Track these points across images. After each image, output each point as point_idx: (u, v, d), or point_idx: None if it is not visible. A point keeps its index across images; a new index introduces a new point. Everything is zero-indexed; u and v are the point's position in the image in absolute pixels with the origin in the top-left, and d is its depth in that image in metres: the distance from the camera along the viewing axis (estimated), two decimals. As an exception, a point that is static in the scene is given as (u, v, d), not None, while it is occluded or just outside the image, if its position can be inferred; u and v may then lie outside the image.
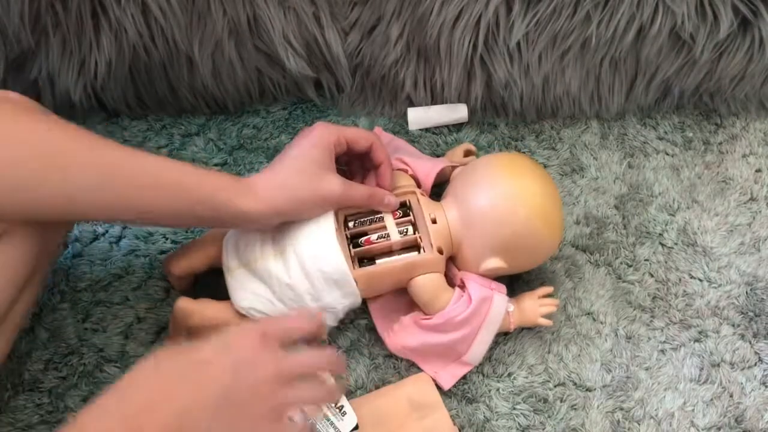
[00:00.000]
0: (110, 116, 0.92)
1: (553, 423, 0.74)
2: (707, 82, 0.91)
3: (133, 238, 0.82)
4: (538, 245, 0.75)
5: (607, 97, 0.91)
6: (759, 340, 0.79)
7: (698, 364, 0.77)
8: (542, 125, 0.93)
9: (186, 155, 0.89)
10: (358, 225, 0.75)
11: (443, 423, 0.72)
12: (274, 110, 0.93)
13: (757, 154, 0.92)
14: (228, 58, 0.86)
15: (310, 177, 0.68)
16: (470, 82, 0.89)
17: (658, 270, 0.83)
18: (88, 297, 0.79)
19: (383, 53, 0.88)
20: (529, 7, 0.82)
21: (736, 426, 0.74)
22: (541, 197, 0.73)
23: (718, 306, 0.81)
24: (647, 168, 0.90)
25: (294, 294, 0.70)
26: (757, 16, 0.83)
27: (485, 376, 0.76)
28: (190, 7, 0.81)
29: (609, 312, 0.80)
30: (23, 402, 0.73)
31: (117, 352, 0.76)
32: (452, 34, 0.84)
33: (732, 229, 0.86)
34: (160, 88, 0.88)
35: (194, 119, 0.92)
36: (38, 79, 0.85)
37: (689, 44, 0.86)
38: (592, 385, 0.76)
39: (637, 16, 0.82)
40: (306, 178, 0.68)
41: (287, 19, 0.84)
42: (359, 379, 0.75)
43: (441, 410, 0.73)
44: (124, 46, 0.83)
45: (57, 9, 0.79)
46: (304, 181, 0.68)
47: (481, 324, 0.73)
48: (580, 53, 0.87)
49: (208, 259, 0.75)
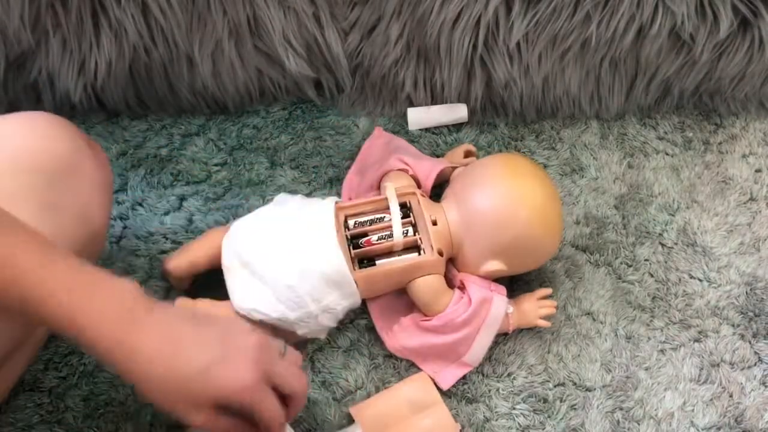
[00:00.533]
0: (110, 116, 0.92)
1: (553, 423, 0.74)
2: (707, 82, 0.91)
3: (133, 238, 0.82)
4: (538, 248, 0.75)
5: (607, 97, 0.91)
6: (759, 340, 0.79)
7: (698, 364, 0.77)
8: (542, 125, 0.93)
9: (186, 155, 0.89)
10: (358, 225, 0.75)
11: (445, 421, 0.72)
12: (274, 110, 0.93)
13: (757, 154, 0.92)
14: (228, 58, 0.86)
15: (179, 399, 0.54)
16: (470, 82, 0.89)
17: (658, 270, 0.83)
18: (88, 297, 0.79)
19: (383, 53, 0.88)
20: (529, 7, 0.82)
21: (736, 426, 0.74)
22: (542, 199, 0.73)
23: (718, 306, 0.81)
24: (647, 168, 0.90)
25: (294, 295, 0.70)
26: (757, 16, 0.84)
27: (485, 376, 0.76)
28: (190, 7, 0.81)
29: (609, 312, 0.80)
30: (23, 402, 0.73)
31: (117, 352, 0.76)
32: (452, 34, 0.84)
33: (732, 229, 0.86)
34: (160, 88, 0.88)
35: (194, 119, 0.92)
36: (38, 79, 0.85)
37: (689, 44, 0.86)
38: (592, 385, 0.76)
39: (637, 16, 0.82)
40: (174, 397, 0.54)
41: (287, 19, 0.84)
42: (359, 379, 0.75)
43: (441, 408, 0.73)
44: (124, 46, 0.83)
45: (57, 9, 0.79)
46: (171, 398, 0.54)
47: (481, 325, 0.73)
48: (580, 53, 0.87)
49: (208, 259, 0.75)
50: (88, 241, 0.66)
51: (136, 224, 0.83)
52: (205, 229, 0.81)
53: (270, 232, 0.73)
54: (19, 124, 0.63)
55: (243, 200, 0.85)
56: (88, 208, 0.65)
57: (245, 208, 0.84)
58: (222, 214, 0.84)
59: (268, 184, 0.87)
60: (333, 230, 0.71)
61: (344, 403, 0.74)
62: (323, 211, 0.74)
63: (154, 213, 0.84)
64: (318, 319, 0.72)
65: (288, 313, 0.71)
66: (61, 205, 0.62)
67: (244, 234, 0.73)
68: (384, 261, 0.74)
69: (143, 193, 0.86)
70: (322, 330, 0.74)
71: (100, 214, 0.68)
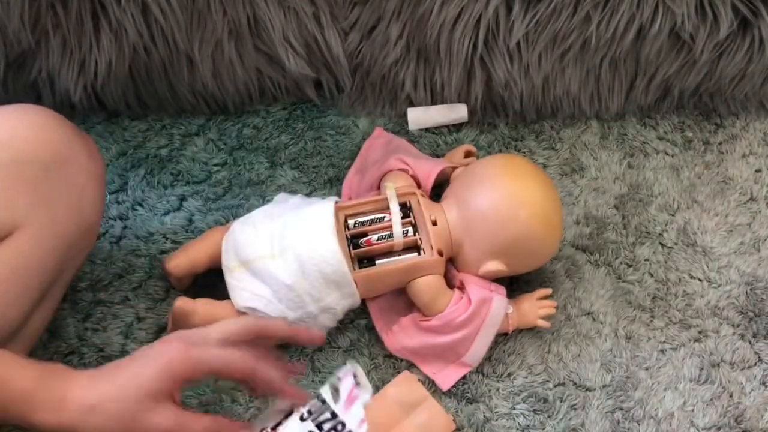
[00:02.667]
0: (110, 116, 0.92)
1: (553, 423, 0.74)
2: (707, 82, 0.91)
3: (133, 238, 0.82)
4: (539, 248, 0.75)
5: (607, 97, 0.91)
6: (759, 340, 0.79)
7: (698, 364, 0.77)
8: (542, 125, 0.93)
9: (186, 155, 0.89)
10: (358, 225, 0.75)
11: (437, 415, 0.72)
12: (274, 110, 0.93)
13: (757, 154, 0.92)
14: (228, 58, 0.86)
15: (136, 406, 0.53)
16: (470, 82, 0.89)
17: (658, 270, 0.83)
18: (88, 297, 0.79)
19: (383, 53, 0.88)
20: (529, 7, 0.82)
21: (736, 426, 0.74)
22: (542, 200, 0.73)
23: (718, 306, 0.81)
24: (647, 168, 0.90)
25: (294, 294, 0.70)
26: (757, 16, 0.83)
27: (485, 376, 0.76)
28: (190, 7, 0.81)
29: (609, 312, 0.80)
30: (23, 402, 0.73)
31: (117, 352, 0.76)
32: (452, 34, 0.84)
33: (732, 229, 0.86)
34: (160, 88, 0.88)
35: (194, 119, 0.92)
36: (38, 79, 0.85)
37: (689, 44, 0.86)
38: (592, 385, 0.76)
39: (637, 16, 0.82)
40: (129, 406, 0.53)
41: (287, 19, 0.84)
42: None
43: (431, 403, 0.73)
44: (124, 46, 0.83)
45: (57, 9, 0.79)
46: (125, 409, 0.53)
47: (481, 326, 0.73)
48: (580, 53, 0.86)
49: (208, 259, 0.75)
50: (81, 235, 0.66)
51: (136, 224, 0.83)
52: (205, 229, 0.81)
53: (270, 231, 0.73)
54: (11, 115, 0.63)
55: (243, 200, 0.85)
56: (81, 199, 0.65)
57: (245, 208, 0.84)
58: (222, 214, 0.84)
59: (268, 184, 0.87)
60: (333, 230, 0.71)
61: (344, 403, 0.74)
62: (323, 211, 0.74)
63: (154, 213, 0.84)
64: (318, 319, 0.72)
65: (288, 312, 0.71)
66: (55, 197, 0.62)
67: (244, 234, 0.73)
68: (384, 261, 0.74)
69: (143, 193, 0.86)
70: (322, 330, 0.74)
71: (94, 207, 0.68)
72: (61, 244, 0.64)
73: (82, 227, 0.66)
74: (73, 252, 0.67)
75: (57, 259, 0.64)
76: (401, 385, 0.74)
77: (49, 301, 0.68)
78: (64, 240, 0.64)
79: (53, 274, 0.65)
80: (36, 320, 0.68)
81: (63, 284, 0.70)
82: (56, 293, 0.69)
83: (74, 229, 0.65)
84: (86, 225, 0.67)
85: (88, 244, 0.71)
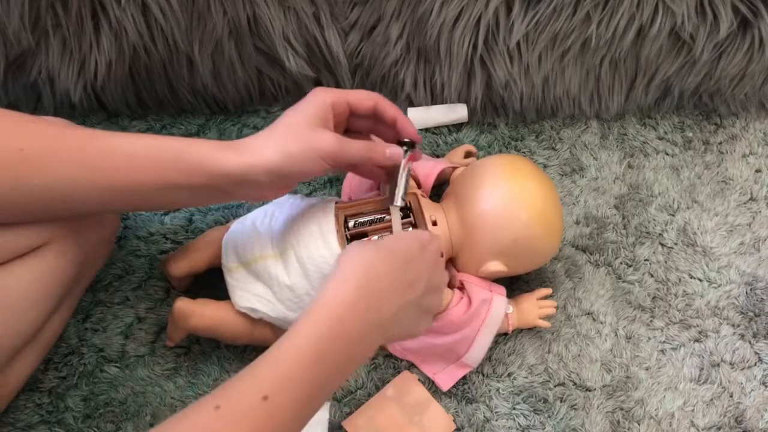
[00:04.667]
0: (110, 116, 0.92)
1: (553, 423, 0.74)
2: (707, 82, 0.91)
3: (133, 238, 0.83)
4: (539, 249, 0.75)
5: (607, 97, 0.92)
6: (759, 340, 0.79)
7: (698, 364, 0.77)
8: (542, 125, 0.93)
9: (186, 155, 0.89)
10: (358, 225, 0.75)
11: (438, 416, 0.72)
12: (274, 110, 0.93)
13: (757, 154, 0.92)
14: (228, 58, 0.86)
15: (302, 131, 0.63)
16: (470, 82, 0.89)
17: (658, 270, 0.83)
18: (88, 297, 0.79)
19: (383, 53, 0.88)
20: (529, 7, 0.82)
21: (736, 426, 0.74)
22: (542, 201, 0.73)
23: (718, 306, 0.81)
24: (647, 168, 0.90)
25: (294, 295, 0.70)
26: (757, 16, 0.84)
27: (485, 376, 0.76)
28: (190, 7, 0.81)
29: (609, 312, 0.80)
30: (23, 402, 0.73)
31: (117, 352, 0.76)
32: (452, 34, 0.84)
33: (732, 229, 0.86)
34: (160, 88, 0.88)
35: (194, 119, 0.92)
36: (38, 79, 0.85)
37: (689, 44, 0.86)
38: (592, 385, 0.76)
39: (637, 16, 0.82)
40: (297, 131, 0.63)
41: (287, 19, 0.84)
42: (359, 379, 0.75)
43: (432, 405, 0.73)
44: (124, 47, 0.83)
45: (57, 9, 0.79)
46: (294, 134, 0.63)
47: (481, 326, 0.73)
48: (580, 53, 0.87)
49: (208, 259, 0.75)
50: (100, 245, 0.68)
51: (136, 224, 0.83)
52: (204, 230, 0.81)
53: (270, 232, 0.73)
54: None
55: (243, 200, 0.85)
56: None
57: (245, 208, 0.85)
58: (222, 214, 0.84)
59: (268, 184, 0.87)
60: (333, 230, 0.71)
61: (345, 403, 0.74)
62: (323, 211, 0.74)
63: (154, 213, 0.84)
64: (318, 319, 0.72)
65: (288, 313, 0.71)
66: None
67: (244, 234, 0.73)
68: (384, 261, 0.74)
69: (143, 193, 0.86)
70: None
71: (112, 217, 0.71)
72: (82, 255, 0.65)
73: (101, 237, 0.67)
74: (90, 261, 0.69)
75: (76, 269, 0.66)
76: (401, 385, 0.74)
77: (64, 309, 0.70)
78: (85, 250, 0.66)
79: (71, 283, 0.66)
80: (52, 327, 0.69)
81: (78, 293, 0.72)
82: (71, 302, 0.71)
83: (95, 239, 0.68)
84: (106, 235, 0.69)
85: (102, 256, 0.73)
